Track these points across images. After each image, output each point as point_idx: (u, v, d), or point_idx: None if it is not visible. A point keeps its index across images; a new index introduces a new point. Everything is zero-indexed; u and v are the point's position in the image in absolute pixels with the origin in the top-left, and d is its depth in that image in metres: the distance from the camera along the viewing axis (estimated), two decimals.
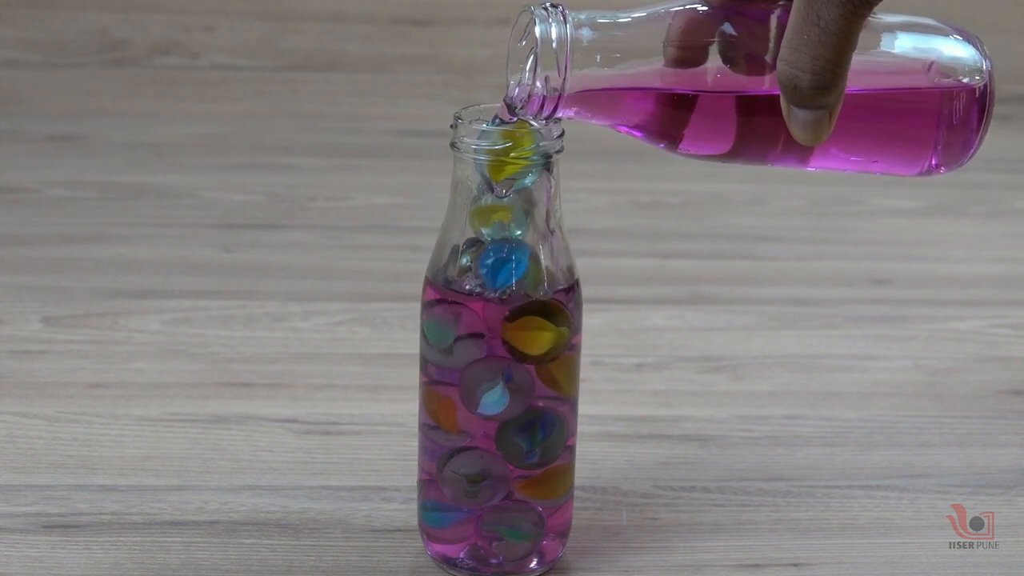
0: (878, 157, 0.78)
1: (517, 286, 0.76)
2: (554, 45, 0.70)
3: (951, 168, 0.79)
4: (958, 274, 1.22)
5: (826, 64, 0.69)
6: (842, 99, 0.71)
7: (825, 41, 0.69)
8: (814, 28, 0.69)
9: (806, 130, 0.71)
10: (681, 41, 0.73)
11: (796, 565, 0.83)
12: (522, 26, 0.72)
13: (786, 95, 0.70)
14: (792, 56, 0.69)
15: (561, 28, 0.70)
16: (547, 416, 0.78)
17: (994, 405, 1.00)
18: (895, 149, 0.78)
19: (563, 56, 0.70)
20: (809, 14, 0.69)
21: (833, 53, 0.69)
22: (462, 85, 1.61)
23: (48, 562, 0.81)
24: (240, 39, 1.62)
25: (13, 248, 1.22)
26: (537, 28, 0.70)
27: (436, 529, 0.81)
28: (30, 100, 1.58)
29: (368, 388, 1.01)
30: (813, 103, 0.70)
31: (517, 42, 0.73)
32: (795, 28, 0.69)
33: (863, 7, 0.69)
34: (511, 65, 0.73)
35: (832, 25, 0.69)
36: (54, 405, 0.97)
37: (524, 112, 0.71)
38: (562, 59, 0.70)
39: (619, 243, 1.26)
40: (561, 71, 0.70)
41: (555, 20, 0.70)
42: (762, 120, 0.75)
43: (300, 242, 1.26)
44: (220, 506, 0.86)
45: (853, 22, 0.69)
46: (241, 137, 1.52)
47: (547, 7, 0.71)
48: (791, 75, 0.70)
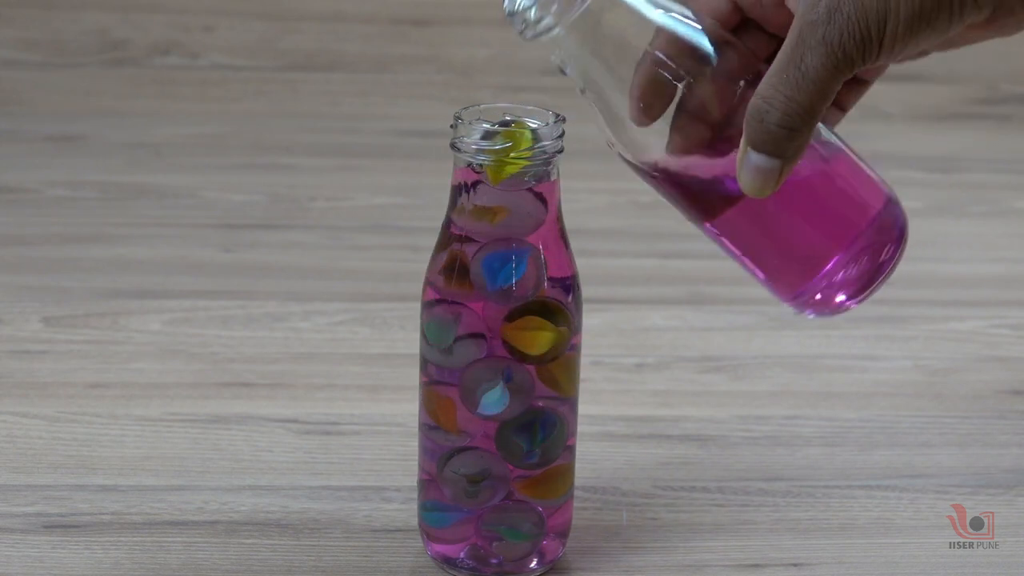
0: (774, 253, 0.78)
1: (517, 286, 0.76)
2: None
3: (824, 309, 0.79)
4: (958, 274, 1.22)
5: (798, 108, 0.69)
6: (798, 159, 0.71)
7: (802, 86, 0.69)
8: (795, 70, 0.69)
9: (755, 177, 0.71)
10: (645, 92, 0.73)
11: (796, 565, 0.83)
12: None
13: (749, 130, 0.70)
14: (767, 92, 0.70)
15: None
16: (547, 416, 0.78)
17: (994, 405, 1.00)
18: (795, 253, 0.78)
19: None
20: (794, 56, 0.69)
21: (807, 100, 0.69)
22: (462, 85, 1.61)
23: (48, 562, 0.81)
24: (240, 39, 1.62)
25: (13, 248, 1.22)
26: None
27: (436, 529, 0.81)
28: (30, 100, 1.58)
29: (368, 388, 1.01)
30: (773, 145, 0.70)
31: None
32: (778, 67, 0.70)
33: (846, 64, 0.69)
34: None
35: (812, 72, 0.69)
36: (54, 405, 0.97)
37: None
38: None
39: (619, 243, 1.26)
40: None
41: None
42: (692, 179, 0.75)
43: (300, 242, 1.26)
44: (220, 506, 0.86)
45: (834, 75, 0.69)
46: (241, 137, 1.52)
47: None
48: (761, 108, 0.70)
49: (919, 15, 0.69)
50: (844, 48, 0.69)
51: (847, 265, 0.77)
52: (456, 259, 0.76)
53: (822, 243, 0.77)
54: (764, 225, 0.76)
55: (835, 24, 0.69)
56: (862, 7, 0.69)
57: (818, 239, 0.77)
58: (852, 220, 0.77)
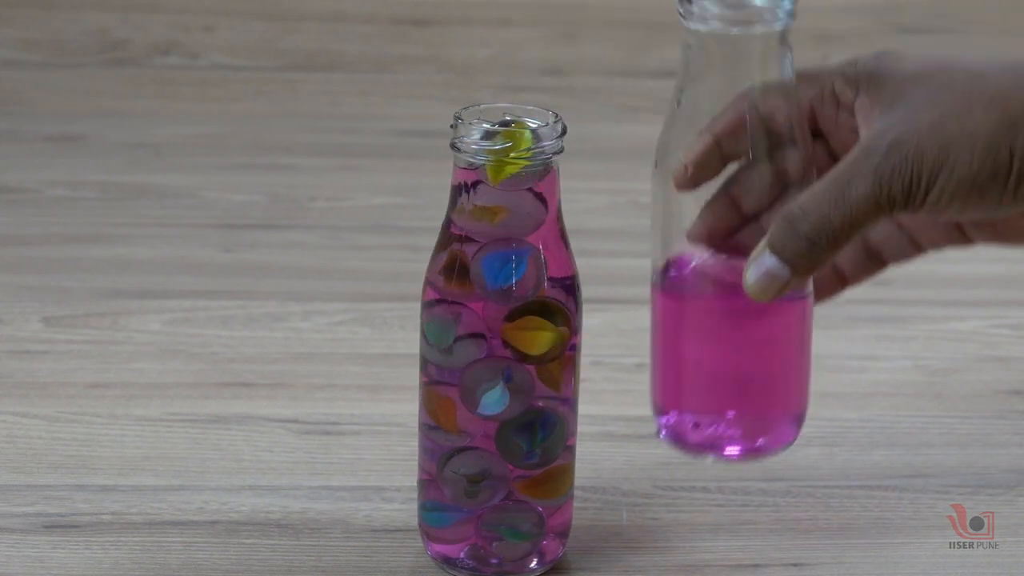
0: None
1: (517, 286, 0.76)
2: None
3: (677, 440, 0.81)
4: (958, 274, 1.22)
5: (829, 227, 0.70)
6: (807, 277, 0.72)
7: (841, 208, 0.69)
8: (839, 191, 0.69)
9: (760, 278, 0.71)
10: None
11: (796, 565, 0.83)
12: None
13: (774, 231, 0.70)
14: (807, 201, 0.70)
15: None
16: (547, 416, 0.78)
17: (994, 405, 1.00)
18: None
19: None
20: (843, 176, 0.69)
21: (840, 222, 0.69)
22: (462, 85, 1.61)
23: (48, 562, 0.81)
24: (240, 39, 1.62)
25: (13, 248, 1.22)
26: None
27: (436, 529, 0.81)
28: (30, 100, 1.58)
29: (368, 388, 1.01)
30: (791, 253, 0.70)
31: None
32: (826, 181, 0.70)
33: (887, 202, 0.69)
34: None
35: (854, 198, 0.69)
36: (54, 405, 0.97)
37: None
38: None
39: (619, 243, 1.26)
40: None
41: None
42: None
43: (300, 242, 1.26)
44: (220, 506, 0.86)
45: (875, 208, 0.69)
46: (241, 137, 1.51)
47: None
48: (795, 214, 0.70)
49: (972, 179, 0.69)
50: (891, 186, 0.69)
51: (726, 425, 0.78)
52: (456, 259, 0.76)
53: (726, 393, 0.78)
54: (707, 342, 0.77)
55: (890, 160, 0.69)
56: (920, 153, 0.69)
57: (726, 388, 0.78)
58: (765, 398, 0.78)
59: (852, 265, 0.79)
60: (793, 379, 0.78)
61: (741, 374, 0.77)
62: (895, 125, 0.69)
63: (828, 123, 0.75)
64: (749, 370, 0.77)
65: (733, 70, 0.73)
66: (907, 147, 0.69)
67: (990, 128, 0.68)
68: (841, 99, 0.74)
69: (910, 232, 0.78)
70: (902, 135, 0.69)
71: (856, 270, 0.79)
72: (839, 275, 0.79)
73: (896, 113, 0.70)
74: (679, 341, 0.77)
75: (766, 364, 0.77)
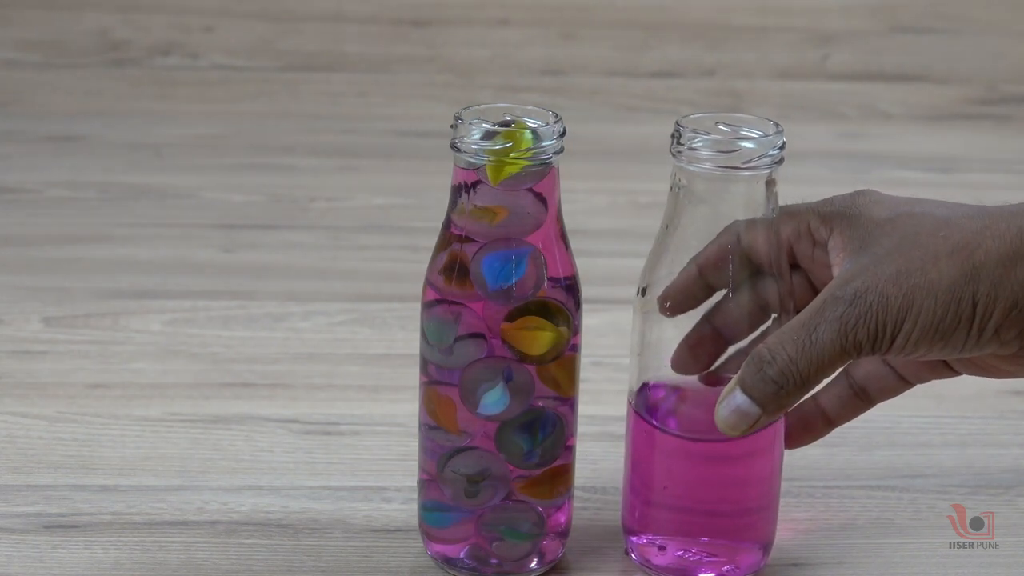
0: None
1: (517, 286, 0.76)
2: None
3: (641, 560, 0.82)
4: None
5: (795, 372, 0.71)
6: (777, 416, 0.73)
7: (806, 354, 0.70)
8: (806, 337, 0.70)
9: (731, 414, 0.72)
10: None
11: (796, 565, 0.83)
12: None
13: (745, 371, 0.72)
14: (774, 344, 0.71)
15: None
16: (547, 416, 0.78)
17: (994, 405, 1.00)
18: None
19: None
20: (810, 323, 0.70)
21: (806, 368, 0.71)
22: (462, 85, 1.61)
23: (48, 562, 0.81)
24: (240, 39, 1.62)
25: (13, 248, 1.22)
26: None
27: (436, 529, 0.81)
28: (30, 100, 1.58)
29: (368, 388, 1.01)
30: (759, 393, 0.71)
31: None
32: (793, 325, 0.71)
33: (853, 348, 0.70)
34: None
35: (819, 345, 0.70)
36: (54, 405, 0.97)
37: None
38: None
39: (619, 243, 1.26)
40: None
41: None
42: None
43: (300, 242, 1.26)
44: (220, 506, 0.86)
45: (840, 354, 0.71)
46: (241, 137, 1.52)
47: None
48: (764, 356, 0.71)
49: (936, 326, 0.70)
50: (856, 333, 0.70)
51: (694, 551, 0.79)
52: (456, 259, 0.76)
53: (693, 521, 0.79)
54: (676, 471, 0.78)
55: (856, 308, 0.70)
56: (885, 302, 0.70)
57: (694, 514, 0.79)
58: (733, 528, 0.79)
59: (839, 404, 0.80)
60: (763, 510, 0.79)
61: (709, 505, 0.78)
62: (861, 273, 0.71)
63: (805, 259, 0.77)
64: (718, 502, 0.78)
65: (719, 205, 0.75)
66: (871, 295, 0.70)
67: (952, 277, 0.70)
68: (816, 237, 0.76)
69: (895, 368, 0.79)
70: (867, 283, 0.70)
71: (843, 410, 0.80)
72: (826, 417, 0.80)
73: (863, 259, 0.71)
74: (650, 465, 0.78)
75: (736, 497, 0.78)
